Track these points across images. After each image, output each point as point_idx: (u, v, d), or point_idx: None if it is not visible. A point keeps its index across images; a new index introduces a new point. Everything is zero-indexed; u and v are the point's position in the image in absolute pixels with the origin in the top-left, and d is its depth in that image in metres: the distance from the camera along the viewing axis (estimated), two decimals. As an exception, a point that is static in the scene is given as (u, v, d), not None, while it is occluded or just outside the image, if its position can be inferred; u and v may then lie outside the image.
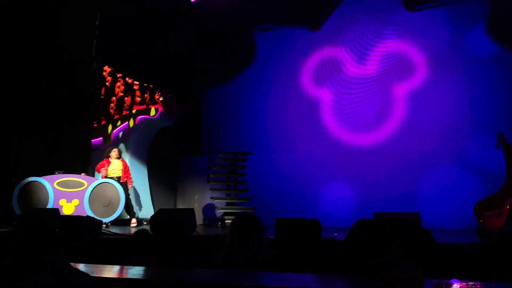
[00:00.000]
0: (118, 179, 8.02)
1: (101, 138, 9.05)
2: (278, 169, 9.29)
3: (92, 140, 8.97)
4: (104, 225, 7.09)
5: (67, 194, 7.55)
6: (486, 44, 8.58)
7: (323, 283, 2.01)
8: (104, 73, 9.26)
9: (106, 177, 7.93)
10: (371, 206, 8.20)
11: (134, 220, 7.92)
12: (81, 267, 2.33)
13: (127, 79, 9.12)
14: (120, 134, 9.10)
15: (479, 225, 6.50)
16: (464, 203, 7.48)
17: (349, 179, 8.84)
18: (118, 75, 9.20)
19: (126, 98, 9.14)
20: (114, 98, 9.18)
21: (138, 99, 9.02)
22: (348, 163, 8.94)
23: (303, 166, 9.17)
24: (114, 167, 8.08)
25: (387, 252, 2.04)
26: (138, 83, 9.04)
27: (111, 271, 2.18)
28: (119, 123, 9.10)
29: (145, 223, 8.18)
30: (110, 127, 9.08)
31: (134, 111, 9.04)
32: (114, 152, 8.19)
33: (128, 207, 7.90)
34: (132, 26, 9.19)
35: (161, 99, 8.90)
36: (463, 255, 2.58)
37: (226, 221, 8.30)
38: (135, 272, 2.22)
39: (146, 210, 8.80)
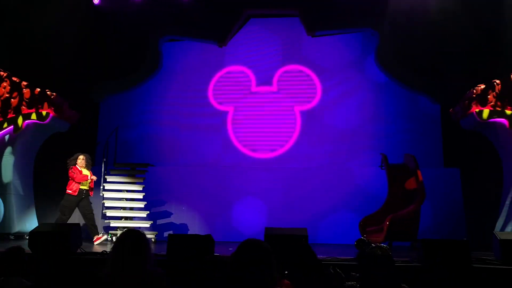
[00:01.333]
0: (86, 192, 6.99)
1: (-21, 142, 8.11)
2: (179, 183, 9.13)
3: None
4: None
5: None
6: (377, 72, 9.45)
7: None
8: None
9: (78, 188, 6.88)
10: (269, 220, 8.45)
11: (100, 235, 7.00)
12: None
13: (14, 78, 8.31)
14: (7, 137, 8.26)
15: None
16: (352, 219, 8.03)
17: (250, 194, 8.98)
18: (3, 75, 8.36)
19: (13, 99, 8.33)
20: (-2, 99, 8.31)
21: (27, 101, 8.27)
22: (249, 178, 9.09)
23: (204, 180, 9.11)
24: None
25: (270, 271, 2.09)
26: (26, 83, 8.29)
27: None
28: (5, 125, 8.26)
29: (27, 237, 7.46)
30: (-7, 131, 8.19)
31: (21, 114, 8.27)
32: (81, 160, 7.08)
33: (92, 221, 6.98)
34: (28, 22, 8.47)
35: (53, 102, 8.26)
36: (341, 269, 2.75)
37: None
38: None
39: (30, 224, 8.04)
